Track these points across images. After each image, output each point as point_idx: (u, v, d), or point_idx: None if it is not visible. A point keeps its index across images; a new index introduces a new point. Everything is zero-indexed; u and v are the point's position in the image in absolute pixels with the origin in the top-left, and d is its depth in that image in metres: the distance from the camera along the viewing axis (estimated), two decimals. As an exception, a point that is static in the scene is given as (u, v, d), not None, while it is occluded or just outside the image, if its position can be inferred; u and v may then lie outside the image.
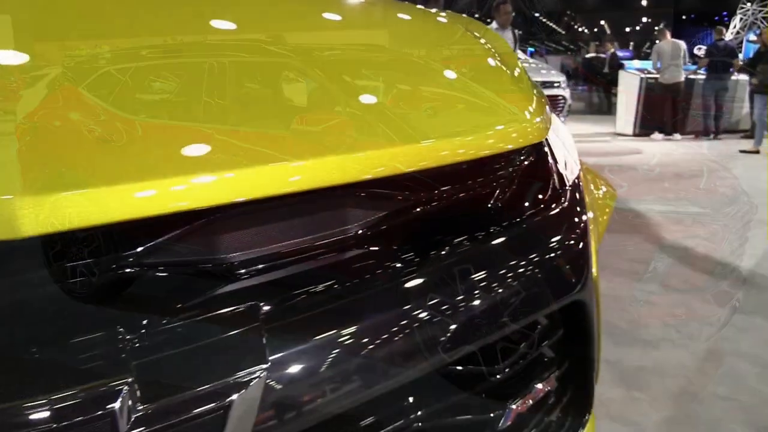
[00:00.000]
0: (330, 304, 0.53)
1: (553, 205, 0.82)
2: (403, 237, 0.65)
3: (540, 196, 0.83)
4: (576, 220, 0.82)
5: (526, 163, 0.86)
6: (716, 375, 2.70)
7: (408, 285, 0.59)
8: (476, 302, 0.63)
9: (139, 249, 0.47)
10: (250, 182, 0.51)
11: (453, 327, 0.61)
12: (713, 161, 8.06)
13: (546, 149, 0.92)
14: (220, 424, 0.43)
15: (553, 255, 0.74)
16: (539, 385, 0.77)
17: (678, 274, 3.85)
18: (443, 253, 0.64)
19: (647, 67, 11.07)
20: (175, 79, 0.56)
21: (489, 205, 0.78)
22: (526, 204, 0.79)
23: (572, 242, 0.79)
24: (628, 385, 2.52)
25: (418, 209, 0.67)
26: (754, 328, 3.09)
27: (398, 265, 0.60)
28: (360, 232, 0.61)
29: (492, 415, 0.70)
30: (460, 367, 0.66)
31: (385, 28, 0.87)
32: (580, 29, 35.11)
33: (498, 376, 0.70)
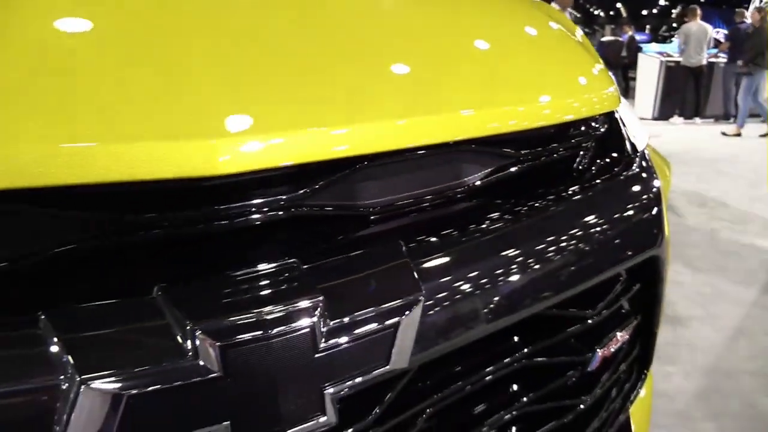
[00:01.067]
0: (460, 245, 0.60)
1: (630, 168, 0.88)
2: (510, 189, 0.71)
3: (618, 159, 0.89)
4: (651, 182, 0.88)
5: (602, 129, 0.92)
6: (745, 352, 2.75)
7: (521, 232, 0.65)
8: (574, 250, 0.70)
9: (306, 191, 0.54)
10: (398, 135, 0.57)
11: (557, 270, 0.67)
12: (734, 144, 8.03)
13: (618, 117, 0.97)
14: (390, 339, 0.50)
15: (635, 212, 0.80)
16: (619, 334, 0.83)
17: (703, 255, 3.88)
18: (546, 204, 0.70)
19: (666, 50, 10.99)
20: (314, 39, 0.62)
21: (574, 165, 0.84)
22: (609, 165, 0.85)
23: (649, 202, 0.84)
24: (660, 359, 2.58)
25: (521, 165, 0.73)
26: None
27: (510, 213, 0.66)
28: (476, 184, 0.67)
29: (582, 356, 0.77)
30: (557, 311, 0.73)
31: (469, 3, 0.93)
32: (595, 12, 34.70)
33: (590, 321, 0.76)
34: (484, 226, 0.63)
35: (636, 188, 0.84)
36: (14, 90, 0.44)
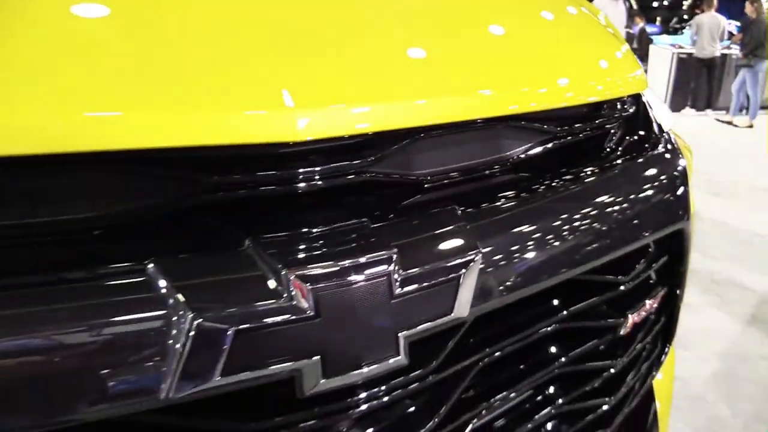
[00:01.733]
0: (508, 212, 0.65)
1: (658, 147, 0.92)
2: (550, 163, 0.76)
3: (646, 138, 0.94)
4: (678, 160, 0.93)
5: (631, 110, 0.96)
6: (759, 337, 2.79)
7: (562, 201, 0.70)
8: (610, 220, 0.75)
9: (370, 159, 0.59)
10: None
11: (593, 238, 0.72)
12: (746, 136, 8.03)
13: (645, 99, 1.02)
14: (454, 290, 0.55)
15: (665, 187, 0.85)
16: (648, 302, 0.88)
17: (717, 244, 3.91)
18: (580, 178, 0.76)
19: (678, 42, 10.97)
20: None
21: (606, 143, 0.89)
22: (639, 143, 0.90)
23: (677, 178, 0.89)
24: (675, 344, 2.63)
25: (559, 141, 0.78)
26: (797, 294, 3.17)
27: (551, 184, 0.72)
28: (520, 156, 0.73)
29: (615, 320, 0.82)
30: (595, 276, 0.78)
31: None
32: (605, 5, 34.43)
33: (623, 288, 0.81)
34: (528, 195, 0.69)
35: (665, 165, 0.88)
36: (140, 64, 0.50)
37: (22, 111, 0.44)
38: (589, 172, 0.78)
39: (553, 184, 0.73)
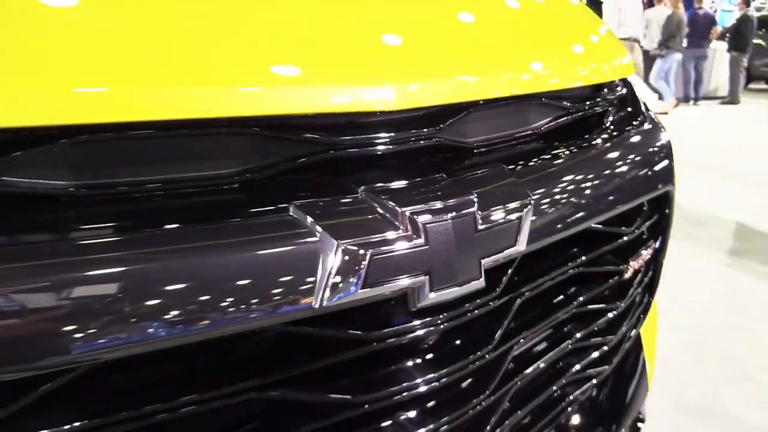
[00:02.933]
0: (544, 170, 0.81)
1: (646, 123, 1.10)
2: (565, 134, 0.92)
3: (635, 115, 1.11)
4: (663, 133, 1.10)
5: (623, 91, 1.14)
6: (720, 308, 3.06)
7: (583, 164, 0.87)
8: (618, 180, 0.91)
9: (435, 128, 0.74)
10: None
11: (608, 194, 0.89)
12: (696, 124, 8.48)
13: (631, 81, 1.20)
14: (517, 228, 0.71)
15: (657, 154, 1.03)
16: (644, 252, 1.05)
17: (676, 224, 4.19)
18: (592, 146, 0.92)
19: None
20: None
21: (605, 119, 1.06)
22: (631, 119, 1.07)
23: (664, 147, 1.07)
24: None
25: (571, 116, 0.94)
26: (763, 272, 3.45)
27: (571, 150, 0.88)
28: (549, 126, 0.89)
29: (620, 266, 0.99)
30: (605, 227, 0.95)
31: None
32: None
33: (626, 238, 0.98)
34: (556, 158, 0.85)
35: (655, 137, 1.06)
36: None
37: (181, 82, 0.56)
38: (599, 142, 0.94)
39: (573, 150, 0.89)
